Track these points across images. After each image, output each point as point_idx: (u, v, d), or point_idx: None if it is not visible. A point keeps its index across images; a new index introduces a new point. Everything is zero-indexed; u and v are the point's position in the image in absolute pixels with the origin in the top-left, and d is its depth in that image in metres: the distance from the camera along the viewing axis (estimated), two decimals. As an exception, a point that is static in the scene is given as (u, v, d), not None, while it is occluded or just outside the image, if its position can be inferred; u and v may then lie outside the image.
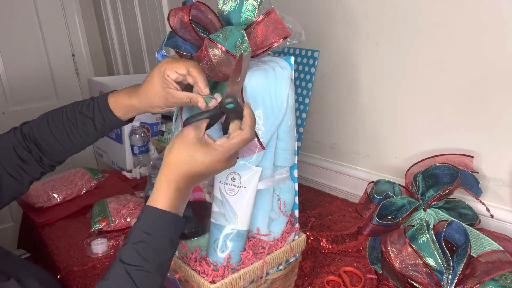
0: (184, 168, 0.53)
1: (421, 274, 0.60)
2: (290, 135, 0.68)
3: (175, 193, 0.54)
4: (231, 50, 0.59)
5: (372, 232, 0.73)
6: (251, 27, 0.61)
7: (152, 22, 1.86)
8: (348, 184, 1.13)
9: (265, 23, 0.61)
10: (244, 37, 0.59)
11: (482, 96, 0.81)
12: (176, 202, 0.54)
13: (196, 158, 0.53)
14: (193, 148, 0.53)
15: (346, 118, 1.10)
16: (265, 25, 0.61)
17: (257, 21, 0.60)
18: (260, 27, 0.60)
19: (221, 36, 0.60)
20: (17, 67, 2.12)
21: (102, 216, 1.06)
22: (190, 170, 0.53)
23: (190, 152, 0.53)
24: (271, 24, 0.60)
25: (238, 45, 0.60)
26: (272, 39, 0.61)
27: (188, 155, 0.53)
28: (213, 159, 0.53)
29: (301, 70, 1.08)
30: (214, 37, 0.60)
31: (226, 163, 0.55)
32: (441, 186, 0.75)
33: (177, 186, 0.54)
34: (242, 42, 0.59)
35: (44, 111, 0.71)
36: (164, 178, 0.54)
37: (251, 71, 0.63)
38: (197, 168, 0.53)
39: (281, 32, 0.60)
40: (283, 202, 0.70)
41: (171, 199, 0.53)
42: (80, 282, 0.86)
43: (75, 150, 0.72)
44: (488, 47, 0.77)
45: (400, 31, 0.91)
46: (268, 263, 0.65)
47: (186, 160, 0.53)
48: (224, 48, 0.59)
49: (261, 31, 0.60)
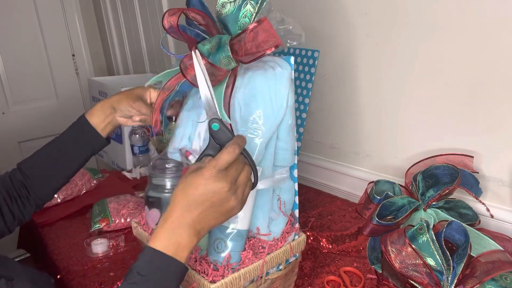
0: (181, 198, 0.51)
1: (421, 274, 0.60)
2: (290, 135, 0.68)
3: (170, 231, 0.51)
4: (215, 62, 0.60)
5: (372, 232, 0.73)
6: (244, 33, 0.61)
7: (152, 22, 1.86)
8: (348, 184, 1.13)
9: (256, 31, 0.60)
10: (228, 53, 0.60)
11: (482, 96, 0.81)
12: (172, 242, 0.51)
13: (190, 184, 0.51)
14: (189, 177, 0.52)
15: (346, 118, 1.10)
16: (257, 33, 0.60)
17: (250, 28, 0.60)
18: (252, 35, 0.60)
19: (208, 46, 0.61)
20: (17, 67, 2.11)
21: (102, 216, 1.06)
22: (185, 200, 0.51)
23: (187, 181, 0.52)
24: (263, 32, 0.60)
25: (223, 59, 0.60)
26: (263, 47, 0.61)
27: (185, 184, 0.52)
28: (198, 179, 0.51)
29: (301, 70, 1.08)
30: (201, 47, 0.60)
31: (217, 181, 0.51)
32: (441, 186, 0.75)
33: (174, 221, 0.51)
34: (226, 57, 0.60)
35: (44, 111, 0.73)
36: (164, 217, 0.52)
37: (251, 71, 0.63)
38: (190, 194, 0.51)
39: (272, 41, 0.60)
40: (283, 202, 0.70)
41: (165, 238, 0.51)
42: (80, 282, 0.86)
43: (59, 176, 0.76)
44: (489, 47, 0.77)
45: (400, 31, 0.91)
46: (268, 263, 0.65)
47: (181, 189, 0.52)
48: (208, 61, 0.59)
49: (252, 39, 0.60)
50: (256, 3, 0.61)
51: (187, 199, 0.51)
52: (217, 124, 0.54)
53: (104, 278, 0.85)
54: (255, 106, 0.63)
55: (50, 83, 2.25)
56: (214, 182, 0.51)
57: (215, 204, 0.52)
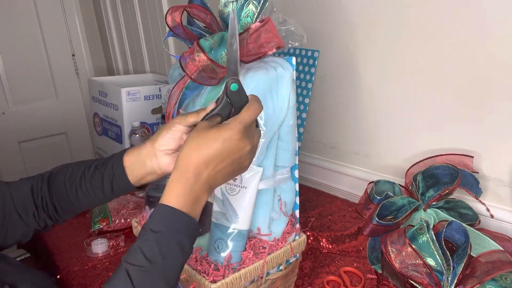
0: (195, 154, 0.48)
1: (421, 274, 0.60)
2: (291, 135, 0.68)
3: (187, 187, 0.48)
4: (216, 59, 0.59)
5: (372, 232, 0.73)
6: (247, 32, 0.61)
7: (152, 22, 1.86)
8: (348, 184, 1.13)
9: (260, 31, 0.60)
10: None
11: (483, 96, 0.81)
12: (188, 198, 0.48)
13: (208, 139, 0.48)
14: (203, 133, 0.49)
15: (346, 118, 1.10)
16: (260, 33, 0.60)
17: (253, 28, 0.60)
18: (255, 35, 0.60)
19: (211, 42, 0.61)
20: (17, 67, 2.11)
21: (102, 216, 1.06)
22: (202, 155, 0.48)
23: (201, 136, 0.49)
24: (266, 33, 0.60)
25: (224, 55, 0.60)
26: (266, 47, 0.61)
27: (198, 140, 0.49)
28: (226, 133, 0.48)
29: (301, 70, 1.08)
30: (203, 42, 0.60)
31: (243, 137, 0.49)
32: (441, 186, 0.75)
33: (190, 178, 0.48)
34: None
35: (44, 111, 0.71)
36: (175, 175, 0.49)
37: (253, 71, 0.63)
38: (210, 149, 0.48)
39: (275, 42, 0.60)
40: (284, 202, 0.70)
41: (180, 195, 0.48)
42: (80, 282, 0.86)
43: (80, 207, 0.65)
44: (489, 47, 0.77)
45: (401, 31, 0.91)
46: (268, 263, 0.66)
47: (196, 145, 0.48)
48: (208, 56, 0.59)
49: (255, 39, 0.60)
50: (259, 3, 0.61)
51: (208, 154, 0.48)
52: (236, 85, 0.51)
53: (104, 278, 0.86)
54: (255, 106, 0.63)
55: (50, 83, 2.25)
56: (240, 138, 0.49)
57: (234, 163, 0.50)
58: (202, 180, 0.49)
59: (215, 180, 0.50)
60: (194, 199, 0.49)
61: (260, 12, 0.61)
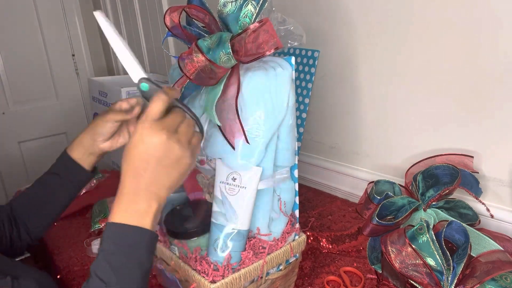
0: (127, 164, 0.50)
1: (421, 274, 0.60)
2: (291, 135, 0.68)
3: (130, 201, 0.50)
4: (214, 59, 0.59)
5: (372, 232, 0.73)
6: (245, 33, 0.61)
7: (152, 22, 1.86)
8: (348, 184, 1.13)
9: (258, 31, 0.60)
10: (228, 50, 0.59)
11: (483, 96, 0.81)
12: (133, 210, 0.49)
13: (130, 145, 0.50)
14: (127, 145, 0.51)
15: (346, 118, 1.10)
16: (258, 34, 0.60)
17: (251, 28, 0.60)
18: (254, 35, 0.60)
19: (209, 42, 0.61)
20: (17, 67, 2.11)
21: (102, 216, 1.06)
22: (133, 161, 0.50)
23: (127, 148, 0.51)
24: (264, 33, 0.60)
25: (222, 56, 0.60)
26: (264, 48, 0.61)
27: (125, 151, 0.51)
28: (138, 131, 0.49)
29: (301, 70, 1.08)
30: (201, 43, 0.60)
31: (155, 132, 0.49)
32: (441, 186, 0.75)
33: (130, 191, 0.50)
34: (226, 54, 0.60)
35: (44, 111, 0.73)
36: (118, 192, 0.51)
37: (252, 71, 0.63)
38: (135, 151, 0.49)
39: (273, 42, 0.60)
40: (284, 202, 0.70)
41: (125, 210, 0.49)
42: (80, 282, 0.86)
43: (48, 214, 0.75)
44: (489, 47, 0.77)
45: (401, 31, 0.91)
46: (268, 263, 0.65)
47: (124, 156, 0.51)
48: (206, 57, 0.59)
49: (253, 39, 0.60)
50: (258, 3, 0.61)
51: (132, 163, 0.49)
52: (146, 84, 0.52)
53: (104, 278, 0.85)
54: (256, 106, 0.63)
55: (50, 83, 2.25)
56: (151, 134, 0.49)
57: (160, 159, 0.49)
58: (139, 190, 0.49)
59: (157, 185, 0.50)
60: (136, 210, 0.49)
61: (259, 13, 0.61)
